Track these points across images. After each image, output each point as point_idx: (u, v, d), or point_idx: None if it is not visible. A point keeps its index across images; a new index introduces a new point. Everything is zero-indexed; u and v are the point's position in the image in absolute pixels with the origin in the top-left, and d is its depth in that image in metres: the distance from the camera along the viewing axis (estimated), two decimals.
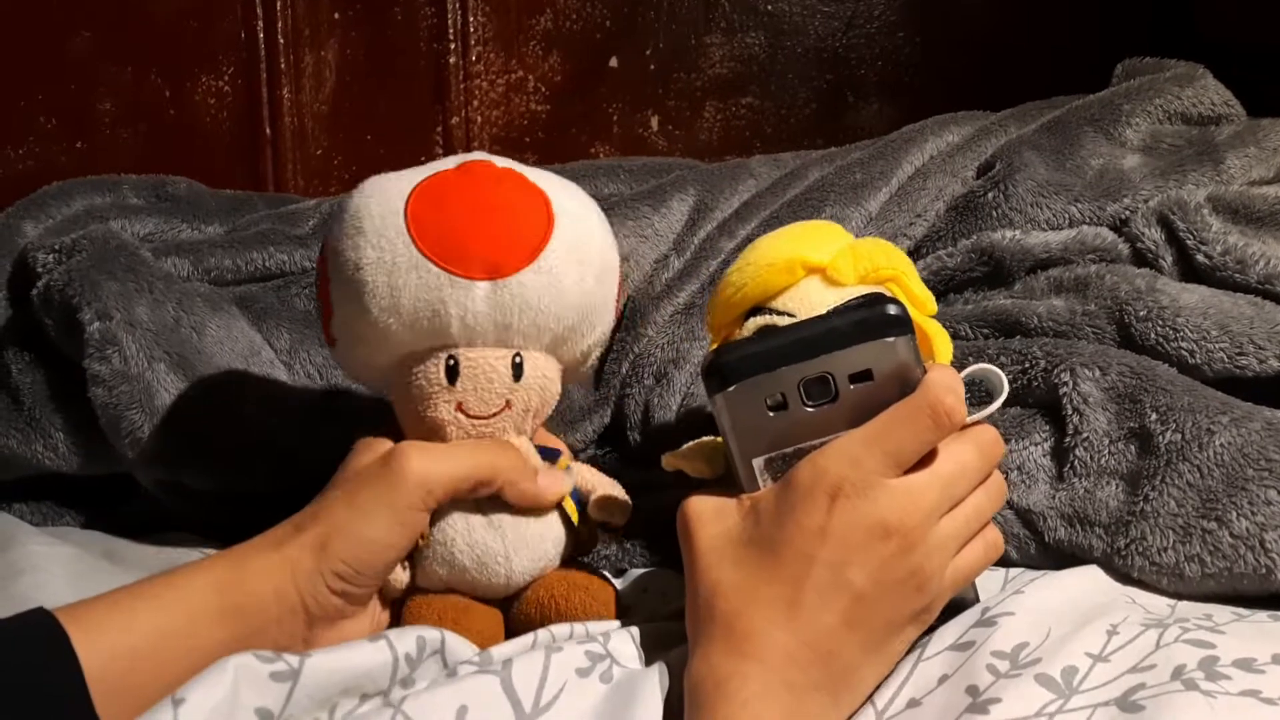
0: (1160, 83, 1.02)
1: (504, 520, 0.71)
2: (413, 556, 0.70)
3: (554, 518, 0.73)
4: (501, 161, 0.70)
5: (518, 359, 0.69)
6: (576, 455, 0.97)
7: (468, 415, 0.69)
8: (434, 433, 0.70)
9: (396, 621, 0.71)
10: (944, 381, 0.61)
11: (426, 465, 0.67)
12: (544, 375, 0.71)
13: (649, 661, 0.67)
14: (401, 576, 0.70)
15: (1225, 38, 1.29)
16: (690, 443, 0.71)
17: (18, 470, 0.92)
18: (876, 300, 0.62)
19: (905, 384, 0.62)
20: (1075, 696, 0.60)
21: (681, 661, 0.64)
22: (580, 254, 0.69)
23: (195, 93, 1.28)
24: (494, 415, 0.70)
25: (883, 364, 0.62)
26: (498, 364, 0.69)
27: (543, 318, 0.68)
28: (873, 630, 0.61)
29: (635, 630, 0.69)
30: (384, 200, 0.68)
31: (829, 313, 0.64)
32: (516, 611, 0.72)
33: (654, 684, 0.63)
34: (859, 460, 0.60)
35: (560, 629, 0.69)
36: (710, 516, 0.64)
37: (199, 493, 0.88)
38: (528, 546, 0.71)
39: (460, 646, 0.66)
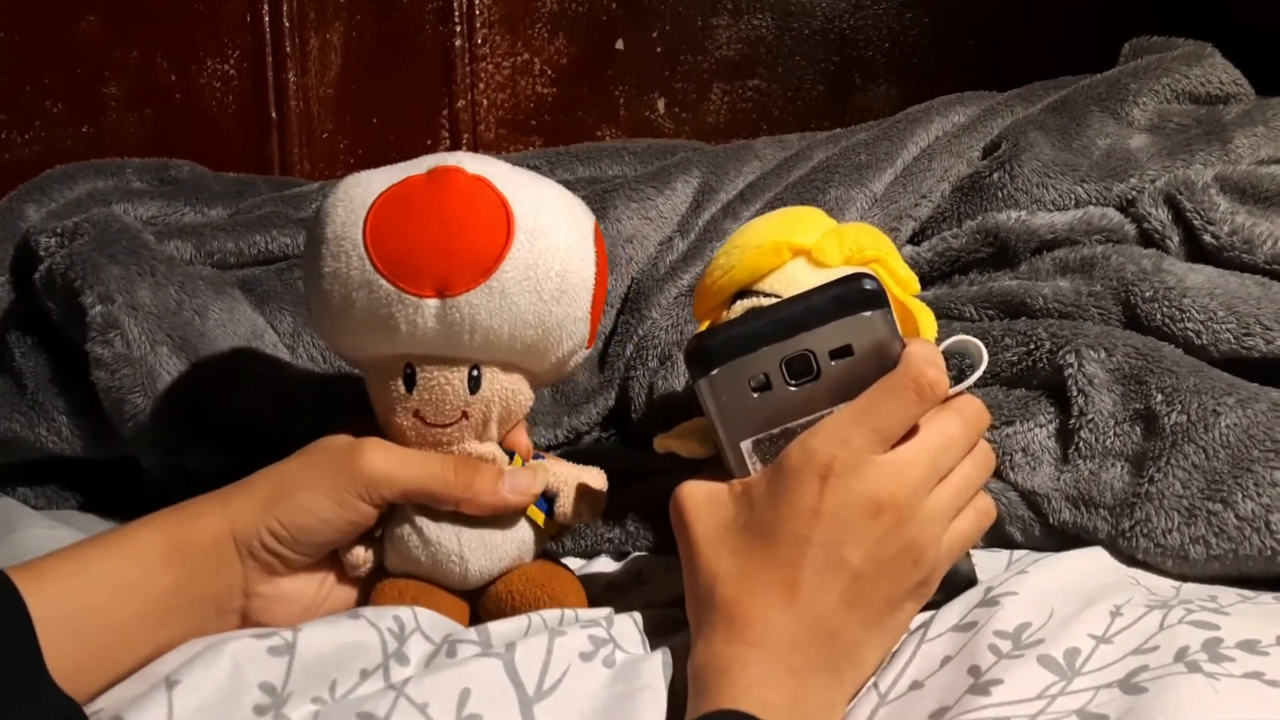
0: (1168, 61, 1.02)
1: (460, 523, 0.70)
2: (380, 540, 0.71)
3: (519, 520, 0.72)
4: (477, 166, 0.68)
5: (475, 372, 0.68)
6: (581, 438, 0.97)
7: (425, 423, 0.69)
8: (396, 436, 0.70)
9: (365, 602, 0.71)
10: (924, 354, 0.62)
11: (381, 465, 0.68)
12: (505, 387, 0.70)
13: (652, 646, 0.67)
14: (363, 557, 0.70)
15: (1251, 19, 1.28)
16: (682, 424, 0.71)
17: (21, 454, 0.92)
18: (853, 277, 0.62)
19: (886, 359, 0.62)
20: (1078, 678, 0.60)
21: (684, 647, 0.64)
22: (537, 274, 0.66)
23: (201, 76, 1.28)
24: (451, 425, 0.69)
25: (862, 339, 0.62)
26: (453, 376, 0.68)
27: (495, 336, 0.67)
28: (872, 607, 0.61)
29: (638, 615, 0.69)
30: (349, 208, 0.67)
31: (806, 292, 0.64)
32: (481, 606, 0.72)
33: (657, 669, 0.63)
34: (847, 439, 0.61)
35: (549, 614, 0.69)
36: (704, 504, 0.64)
37: (202, 475, 0.88)
38: (485, 548, 0.71)
39: (436, 621, 0.67)
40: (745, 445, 0.64)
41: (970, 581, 0.69)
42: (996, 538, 0.79)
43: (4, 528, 0.84)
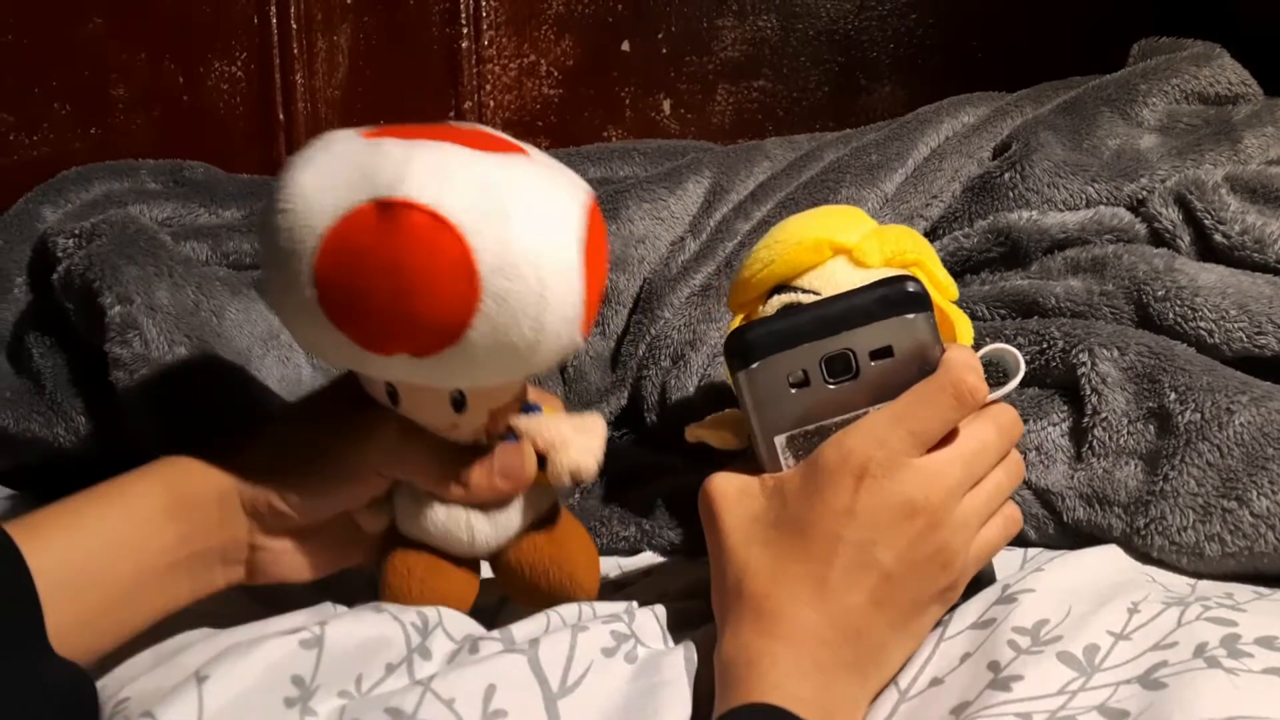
0: (1177, 62, 1.02)
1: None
2: (391, 500, 0.70)
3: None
4: (432, 190, 0.57)
5: (458, 395, 0.65)
6: None
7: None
8: None
9: (374, 557, 0.71)
10: (965, 360, 0.62)
11: (386, 447, 0.67)
12: (491, 398, 0.66)
13: (674, 641, 0.67)
14: (377, 517, 0.69)
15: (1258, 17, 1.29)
16: (713, 414, 0.71)
17: (39, 454, 0.92)
18: (898, 279, 0.63)
19: (925, 362, 0.62)
20: (1097, 674, 0.60)
21: (707, 641, 0.65)
22: (510, 335, 0.58)
23: (209, 78, 1.28)
24: (444, 431, 0.67)
25: (903, 341, 0.62)
26: (435, 401, 0.65)
27: (472, 379, 0.63)
28: (900, 609, 0.62)
29: (660, 610, 0.69)
30: (294, 246, 0.59)
31: (850, 291, 0.64)
32: (497, 575, 0.72)
33: (679, 664, 0.64)
34: (884, 440, 0.61)
35: (570, 610, 0.69)
36: (735, 496, 0.64)
37: None
38: (491, 518, 0.69)
39: (458, 620, 0.67)
40: (780, 440, 0.64)
41: (989, 584, 0.70)
42: None
43: None
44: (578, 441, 0.68)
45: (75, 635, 0.60)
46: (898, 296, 0.62)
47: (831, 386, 0.63)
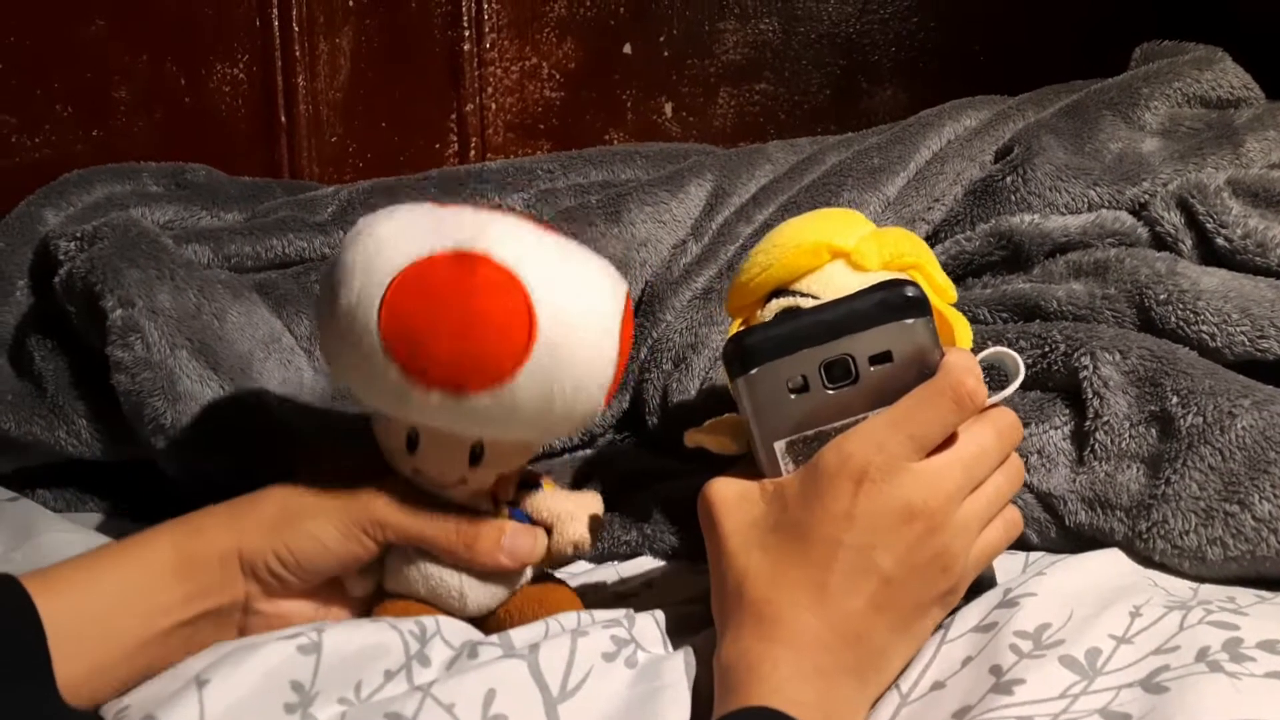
0: (1179, 66, 1.02)
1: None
2: (383, 563, 0.71)
3: None
4: (506, 250, 0.63)
5: (478, 449, 0.68)
6: (595, 440, 0.97)
7: (425, 479, 0.69)
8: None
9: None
10: (964, 364, 0.62)
11: (388, 509, 0.68)
12: (506, 457, 0.69)
13: (674, 646, 0.67)
14: (365, 585, 0.71)
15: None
16: (713, 419, 0.71)
17: (41, 457, 0.92)
18: (896, 283, 0.63)
19: (924, 367, 0.62)
20: (1100, 678, 0.60)
21: (707, 646, 0.64)
22: (551, 389, 0.64)
23: (211, 80, 1.28)
24: (451, 486, 0.69)
25: (902, 346, 0.62)
26: (455, 450, 0.68)
27: (501, 432, 0.66)
28: (901, 612, 0.62)
29: (659, 614, 0.69)
30: (367, 278, 0.63)
31: (849, 296, 0.64)
32: (482, 628, 0.72)
33: (679, 668, 0.64)
34: (884, 444, 0.61)
35: (569, 616, 0.69)
36: (734, 501, 0.64)
37: (220, 478, 0.88)
38: (484, 585, 0.71)
39: (456, 627, 0.67)
40: (779, 445, 0.64)
41: (990, 585, 0.70)
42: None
43: (25, 531, 0.84)
44: (579, 516, 0.71)
45: (82, 686, 0.61)
46: (897, 301, 0.62)
47: (831, 392, 0.63)
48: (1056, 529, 0.78)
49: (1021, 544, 0.79)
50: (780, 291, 0.71)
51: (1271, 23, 1.26)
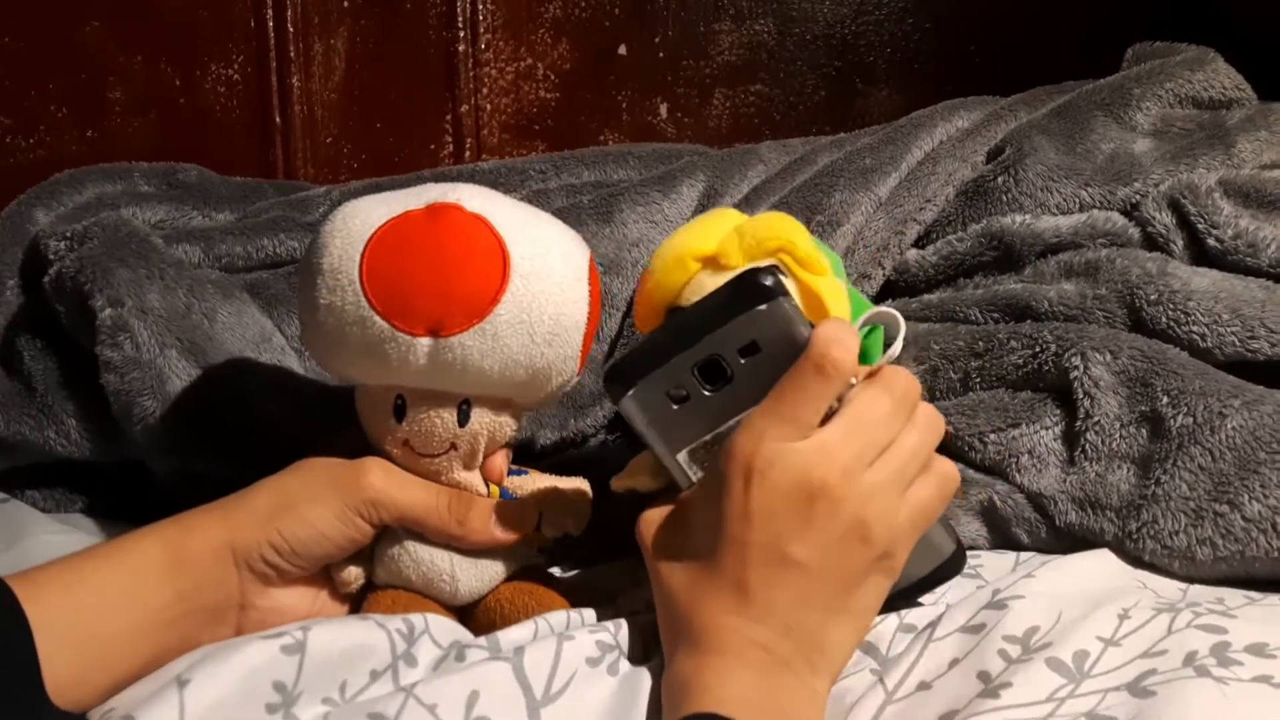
0: (1171, 66, 1.02)
1: (452, 545, 0.71)
2: (372, 554, 0.71)
3: None
4: (476, 203, 0.67)
5: (464, 406, 0.69)
6: (586, 440, 0.97)
7: (413, 451, 0.70)
8: (385, 457, 0.71)
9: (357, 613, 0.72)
10: (827, 335, 0.60)
11: (381, 486, 0.68)
12: (493, 419, 0.70)
13: (657, 655, 0.67)
14: (354, 574, 0.71)
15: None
16: (632, 460, 0.71)
17: (30, 457, 0.92)
18: (745, 274, 0.62)
19: (794, 347, 0.61)
20: (1086, 681, 0.60)
21: None
22: (530, 318, 0.66)
23: (205, 81, 1.28)
24: (439, 455, 0.70)
25: (766, 333, 0.61)
26: (443, 410, 0.69)
27: (486, 375, 0.67)
28: (831, 592, 0.61)
29: (645, 621, 0.69)
30: (346, 240, 0.67)
31: (705, 296, 0.64)
32: (472, 619, 0.73)
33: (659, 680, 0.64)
34: (763, 433, 0.60)
35: (558, 617, 0.69)
36: (658, 525, 0.65)
37: (210, 479, 0.88)
38: (475, 569, 0.71)
39: (445, 626, 0.67)
40: (682, 457, 0.64)
41: (958, 551, 0.69)
42: (1003, 540, 0.80)
43: (13, 532, 0.84)
44: (569, 496, 0.73)
45: (71, 688, 0.61)
46: (747, 290, 0.61)
47: (711, 394, 0.63)
48: (1047, 529, 0.78)
49: (1012, 544, 0.79)
50: (674, 309, 0.71)
51: (1265, 24, 1.26)
